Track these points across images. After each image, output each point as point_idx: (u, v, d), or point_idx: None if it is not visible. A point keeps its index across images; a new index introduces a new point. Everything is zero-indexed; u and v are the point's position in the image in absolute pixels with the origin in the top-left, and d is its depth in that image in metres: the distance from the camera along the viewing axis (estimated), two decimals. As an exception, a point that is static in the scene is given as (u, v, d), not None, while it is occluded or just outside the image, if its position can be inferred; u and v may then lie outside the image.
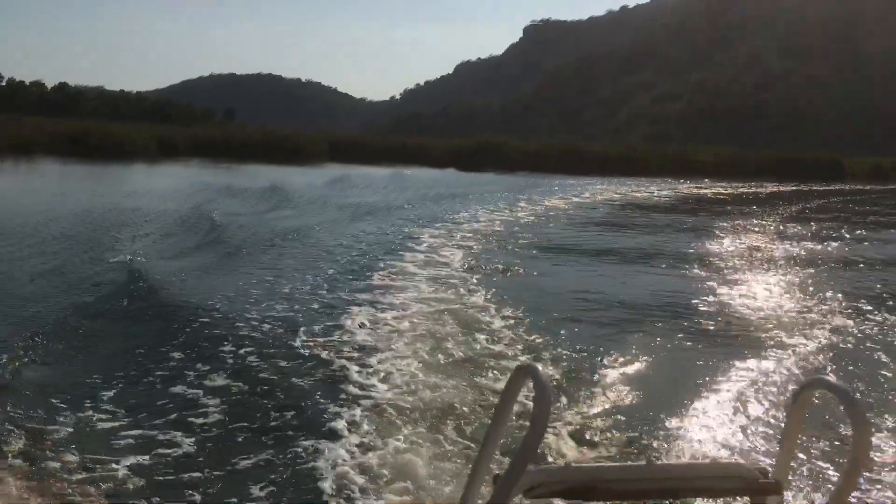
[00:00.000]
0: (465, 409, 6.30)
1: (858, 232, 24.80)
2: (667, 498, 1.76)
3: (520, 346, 8.38)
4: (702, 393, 7.12)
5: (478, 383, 6.95)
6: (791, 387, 7.15)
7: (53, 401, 6.29)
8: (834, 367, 8.23)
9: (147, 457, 5.25)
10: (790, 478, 1.86)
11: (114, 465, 5.10)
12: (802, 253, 18.36)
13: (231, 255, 14.47)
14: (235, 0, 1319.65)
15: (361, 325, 9.04)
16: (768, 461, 1.94)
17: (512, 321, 9.53)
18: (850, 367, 8.26)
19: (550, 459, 5.26)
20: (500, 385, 6.61)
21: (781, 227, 25.45)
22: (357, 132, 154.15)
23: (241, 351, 7.79)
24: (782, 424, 1.88)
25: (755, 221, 27.68)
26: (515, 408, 1.86)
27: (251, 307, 9.92)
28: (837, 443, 5.71)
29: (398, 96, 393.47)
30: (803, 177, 68.46)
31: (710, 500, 3.89)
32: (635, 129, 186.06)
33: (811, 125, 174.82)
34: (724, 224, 25.67)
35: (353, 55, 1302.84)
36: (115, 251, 14.28)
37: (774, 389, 7.20)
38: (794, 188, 56.22)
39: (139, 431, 5.73)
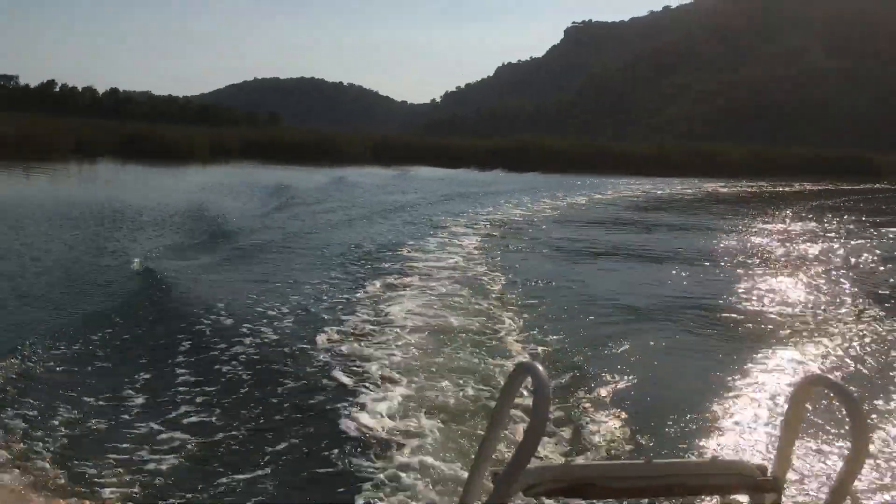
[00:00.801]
0: (464, 406, 6.40)
1: (877, 230, 24.56)
2: (666, 496, 1.76)
3: (521, 343, 8.52)
4: (701, 390, 7.24)
5: (478, 380, 7.08)
6: (790, 384, 7.19)
7: (62, 400, 6.45)
8: (834, 364, 8.23)
9: (156, 456, 5.43)
10: (789, 475, 1.87)
11: (123, 465, 5.26)
12: (815, 251, 18.30)
13: (285, 245, 16.89)
14: (277, 5, 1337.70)
15: (366, 321, 9.36)
16: (767, 458, 1.98)
17: (514, 317, 9.78)
18: (851, 366, 8.23)
19: (550, 457, 5.33)
20: (501, 382, 6.75)
21: (796, 225, 25.68)
22: (401, 135, 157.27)
23: (249, 349, 8.12)
24: (781, 421, 1.96)
25: (770, 219, 28.09)
26: (515, 405, 1.87)
27: (268, 300, 10.49)
28: (836, 440, 5.74)
29: (438, 99, 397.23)
30: (836, 175, 69.11)
31: (709, 498, 4.11)
32: (676, 128, 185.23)
33: (852, 123, 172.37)
34: (736, 222, 26.15)
35: (394, 58, 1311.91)
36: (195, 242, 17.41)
37: (774, 387, 7.25)
38: (821, 187, 56.49)
39: (147, 430, 5.90)
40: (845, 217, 30.08)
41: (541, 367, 1.61)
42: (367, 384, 6.89)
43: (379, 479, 5.09)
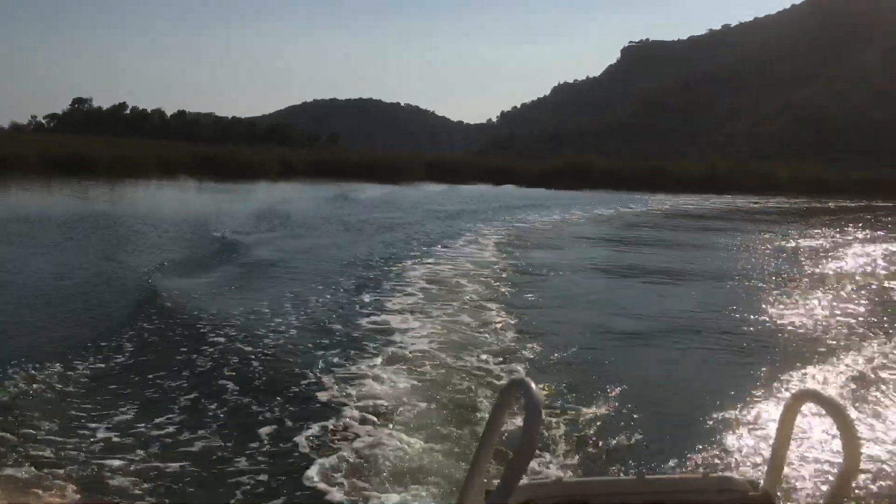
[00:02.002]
0: (456, 422, 6.37)
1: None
2: None
3: (515, 358, 8.63)
4: (693, 405, 7.35)
5: (472, 396, 7.14)
6: (782, 399, 7.24)
7: (64, 410, 6.58)
8: (827, 379, 8.33)
9: (156, 463, 5.51)
10: (780, 489, 1.76)
11: (121, 473, 5.33)
12: (823, 269, 18.43)
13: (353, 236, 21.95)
14: (334, 29, 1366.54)
15: (366, 333, 9.68)
16: (759, 473, 1.93)
17: (511, 332, 9.94)
18: (843, 381, 8.29)
19: (543, 474, 5.29)
20: (493, 398, 6.76)
21: (814, 243, 26.03)
22: (454, 154, 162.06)
23: (246, 357, 8.41)
24: (773, 436, 1.87)
25: (785, 236, 28.96)
26: (508, 421, 2.05)
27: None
28: (828, 454, 5.75)
29: (495, 119, 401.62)
30: (886, 196, 70.49)
31: None
32: (735, 149, 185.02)
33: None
34: (755, 239, 27.09)
35: (451, 79, 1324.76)
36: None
37: (766, 401, 7.32)
38: (857, 204, 58.34)
39: (149, 438, 6.00)
40: (863, 233, 31.32)
41: (533, 384, 1.64)
42: (361, 396, 6.96)
43: (369, 495, 5.08)
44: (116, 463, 5.48)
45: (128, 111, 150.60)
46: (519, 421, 1.59)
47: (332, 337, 9.34)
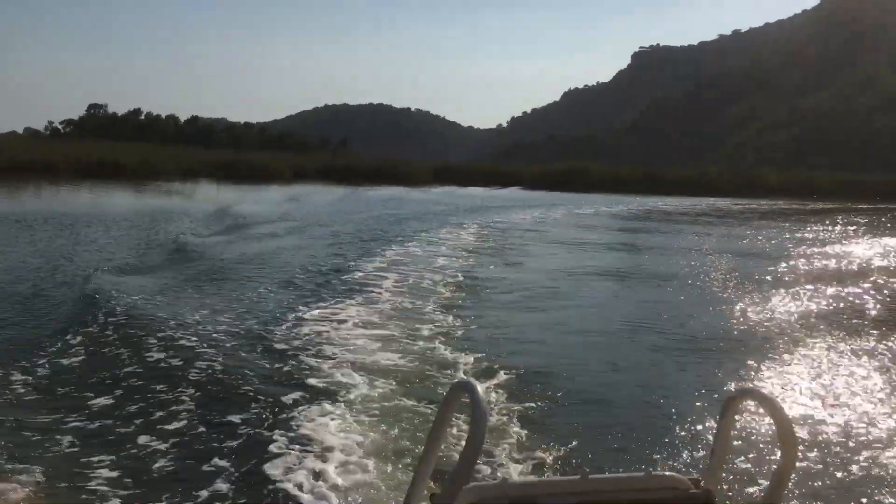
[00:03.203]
0: (404, 424, 6.39)
1: (854, 249, 25.03)
2: None
3: (461, 359, 8.58)
4: (638, 405, 7.48)
5: (419, 398, 7.11)
6: (723, 397, 8.60)
7: (17, 416, 6.56)
8: (768, 377, 8.46)
9: (114, 471, 5.46)
10: (722, 486, 1.91)
11: (78, 480, 5.33)
12: (777, 268, 18.68)
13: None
14: (344, 35, 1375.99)
15: (314, 331, 9.63)
16: (701, 471, 1.96)
17: (458, 333, 9.93)
18: (784, 378, 8.43)
19: (488, 475, 5.35)
20: (439, 400, 5.84)
21: (770, 242, 27.02)
22: (463, 159, 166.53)
23: (201, 362, 8.13)
24: (713, 434, 1.94)
25: (743, 236, 30.29)
26: (454, 423, 2.19)
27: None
28: (767, 451, 5.92)
29: (505, 124, 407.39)
30: (873, 199, 74.03)
31: None
32: (744, 156, 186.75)
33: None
34: (715, 238, 28.64)
35: (461, 84, 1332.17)
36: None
37: (708, 400, 7.41)
38: (838, 206, 60.88)
39: (105, 445, 5.95)
40: (833, 233, 32.62)
41: (479, 385, 1.65)
42: (306, 400, 6.91)
43: (315, 496, 5.10)
44: (68, 467, 5.52)
45: (142, 117, 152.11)
46: (466, 422, 1.81)
47: (280, 339, 9.20)
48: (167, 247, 19.04)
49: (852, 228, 35.98)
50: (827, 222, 40.05)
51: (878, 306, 13.54)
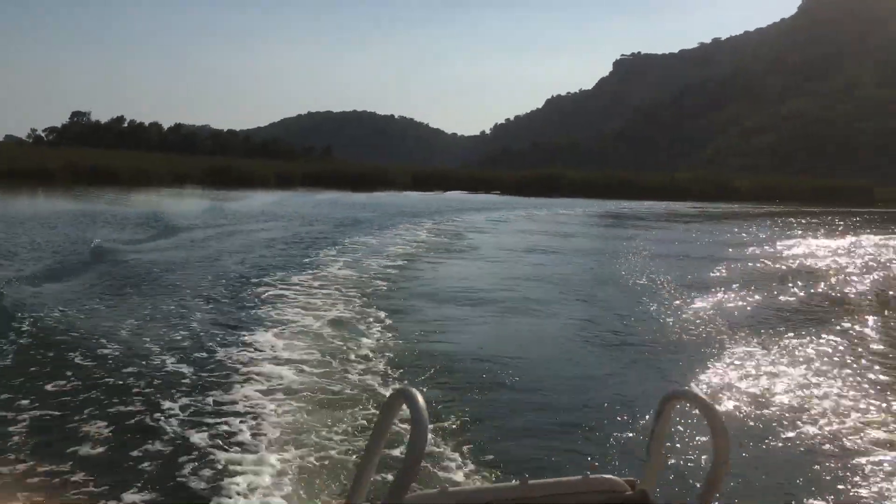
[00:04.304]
0: (342, 435, 6.32)
1: (793, 250, 25.60)
2: None
3: (401, 368, 8.50)
4: (577, 408, 7.57)
5: (357, 408, 7.02)
6: (657, 399, 7.94)
7: None
8: (701, 378, 8.60)
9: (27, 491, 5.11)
10: (658, 488, 1.88)
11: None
12: (716, 269, 18.99)
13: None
14: (329, 43, 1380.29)
15: (246, 344, 9.31)
16: (638, 472, 1.95)
17: (397, 341, 9.80)
18: (719, 379, 8.56)
19: (429, 484, 5.19)
20: (377, 409, 6.77)
21: (713, 244, 27.70)
22: (444, 166, 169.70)
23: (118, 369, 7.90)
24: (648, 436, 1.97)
25: (696, 237, 31.63)
26: (394, 431, 2.05)
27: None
28: (704, 451, 5.99)
29: (488, 131, 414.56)
30: (833, 202, 78.56)
31: None
32: (724, 161, 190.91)
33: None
34: (660, 238, 29.86)
35: (445, 91, 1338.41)
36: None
37: (646, 401, 7.54)
38: (785, 208, 65.56)
39: (18, 453, 5.68)
40: (771, 232, 34.28)
41: (418, 393, 1.65)
42: (234, 413, 6.70)
43: None
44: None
45: (126, 124, 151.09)
46: (405, 430, 1.82)
47: (210, 349, 8.91)
48: (87, 253, 17.63)
49: (797, 231, 37.65)
50: (768, 223, 42.70)
51: (810, 306, 14.17)
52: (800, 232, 36.51)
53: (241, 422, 6.46)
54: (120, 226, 26.64)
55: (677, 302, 13.70)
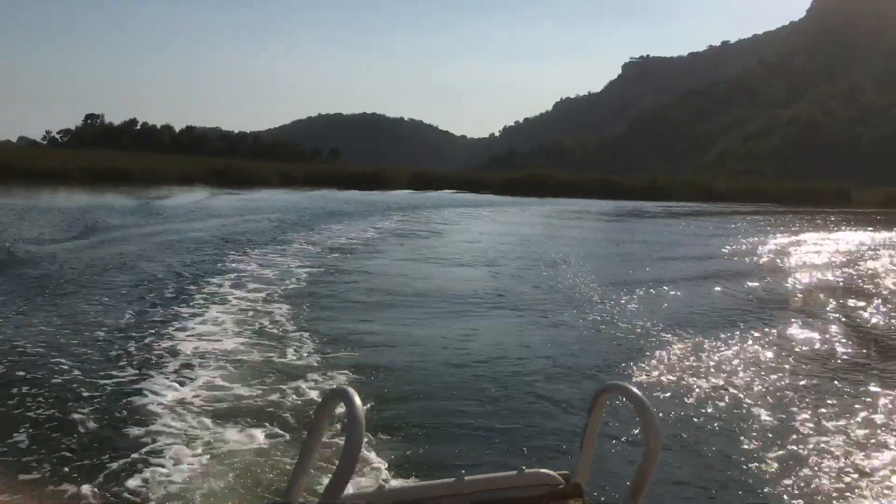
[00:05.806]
0: (272, 437, 6.26)
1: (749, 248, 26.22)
2: None
3: (337, 368, 8.40)
4: (510, 403, 7.68)
5: (293, 407, 6.96)
6: (591, 392, 5.54)
7: None
8: (640, 372, 8.75)
9: None
10: (591, 481, 1.92)
11: None
12: (665, 267, 19.28)
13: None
14: (339, 45, 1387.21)
15: (183, 339, 9.26)
16: (572, 465, 1.99)
17: (332, 339, 9.74)
18: (653, 373, 8.71)
19: (366, 482, 5.35)
20: (313, 409, 6.29)
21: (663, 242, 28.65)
22: (454, 168, 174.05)
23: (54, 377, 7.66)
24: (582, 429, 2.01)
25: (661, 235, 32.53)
26: (331, 430, 2.12)
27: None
28: (636, 443, 6.12)
29: (497, 133, 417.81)
30: (812, 203, 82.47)
31: None
32: (727, 164, 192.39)
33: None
34: (619, 237, 31.18)
35: (455, 94, 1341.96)
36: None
37: (582, 395, 7.68)
38: (754, 208, 69.11)
39: None
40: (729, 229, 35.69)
41: (355, 393, 1.65)
42: (164, 414, 6.63)
43: None
44: None
45: (138, 126, 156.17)
46: (341, 430, 1.98)
47: (135, 349, 8.76)
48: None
49: (759, 228, 39.00)
50: (731, 224, 43.97)
51: (751, 302, 14.53)
52: (757, 229, 37.75)
53: (173, 421, 6.46)
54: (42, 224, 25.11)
55: (617, 296, 13.99)
